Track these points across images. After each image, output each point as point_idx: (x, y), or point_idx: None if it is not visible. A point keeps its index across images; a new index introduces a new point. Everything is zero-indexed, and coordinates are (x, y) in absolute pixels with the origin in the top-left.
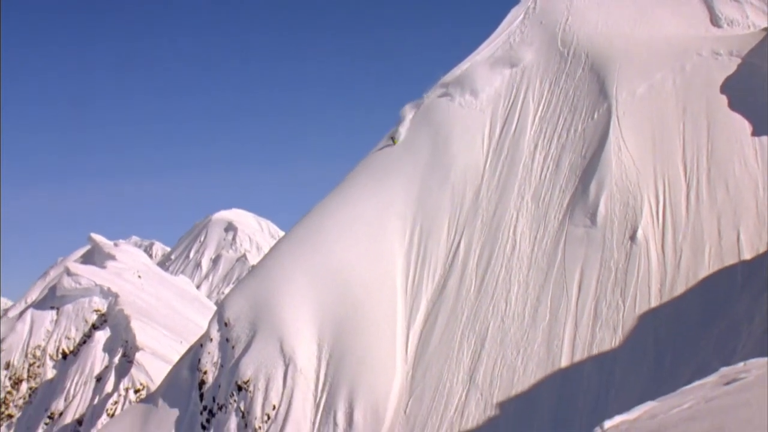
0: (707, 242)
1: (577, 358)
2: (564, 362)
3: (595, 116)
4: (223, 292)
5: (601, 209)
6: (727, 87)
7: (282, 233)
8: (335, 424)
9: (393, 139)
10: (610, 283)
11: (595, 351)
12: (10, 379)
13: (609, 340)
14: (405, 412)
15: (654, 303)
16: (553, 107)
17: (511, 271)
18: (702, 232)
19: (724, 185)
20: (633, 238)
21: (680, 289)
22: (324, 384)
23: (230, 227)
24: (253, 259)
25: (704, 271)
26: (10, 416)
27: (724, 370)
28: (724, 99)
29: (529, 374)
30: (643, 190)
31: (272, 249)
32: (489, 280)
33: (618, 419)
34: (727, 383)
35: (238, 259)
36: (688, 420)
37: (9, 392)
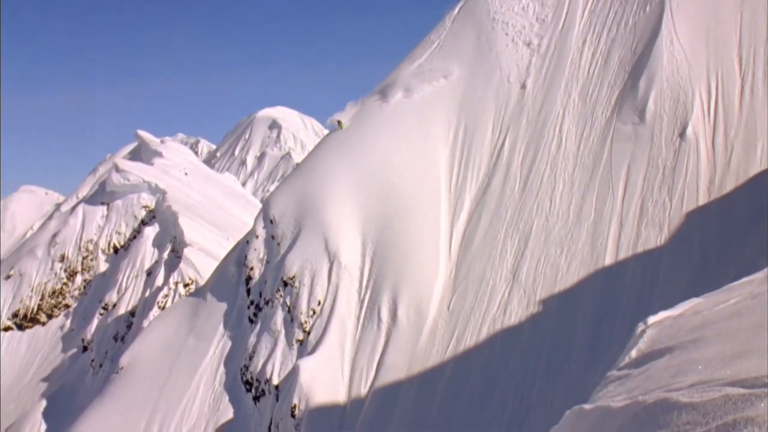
0: (760, 138)
1: (622, 256)
2: (608, 260)
3: (647, 9)
4: (268, 190)
5: (650, 105)
6: None
7: (326, 131)
8: (379, 319)
9: (339, 123)
10: (657, 181)
11: (639, 249)
12: (65, 271)
13: (654, 238)
14: (448, 308)
15: (702, 201)
16: (603, 0)
17: (556, 169)
18: (755, 128)
19: None
20: (682, 134)
21: (729, 186)
22: (368, 280)
23: (274, 125)
24: (298, 156)
25: (755, 168)
26: (67, 306)
27: None
28: None
29: (572, 272)
30: (694, 85)
31: (316, 147)
32: (533, 178)
33: (662, 315)
34: None
35: (282, 157)
36: (733, 315)
37: (65, 284)
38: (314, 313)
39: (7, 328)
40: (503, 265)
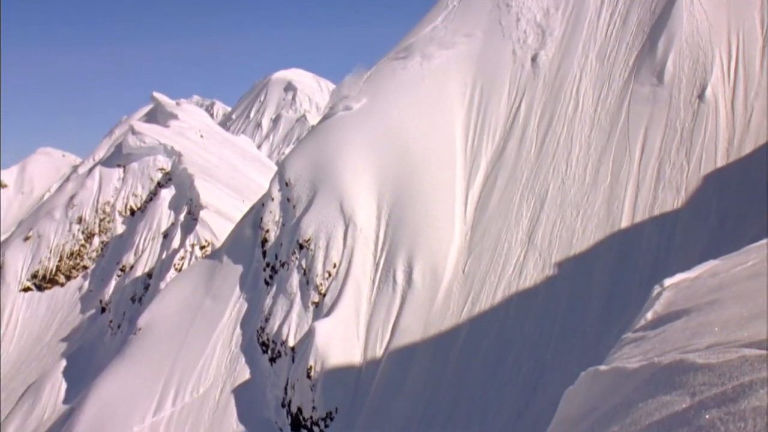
0: None
1: (638, 219)
2: (624, 223)
3: None
4: (283, 152)
5: (669, 67)
6: None
7: (342, 89)
8: (394, 282)
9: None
10: (675, 143)
11: (656, 212)
12: (83, 233)
13: (671, 201)
14: (463, 271)
15: (720, 163)
16: None
17: (573, 131)
18: None
19: None
20: (701, 96)
21: (748, 148)
22: (383, 243)
23: (290, 87)
24: (313, 119)
25: None
26: (85, 268)
27: None
28: None
29: (588, 235)
30: (714, 46)
31: (331, 108)
32: (550, 141)
33: (679, 277)
34: None
35: (297, 120)
36: (750, 277)
37: (83, 245)
38: (330, 275)
39: (26, 289)
40: (519, 227)
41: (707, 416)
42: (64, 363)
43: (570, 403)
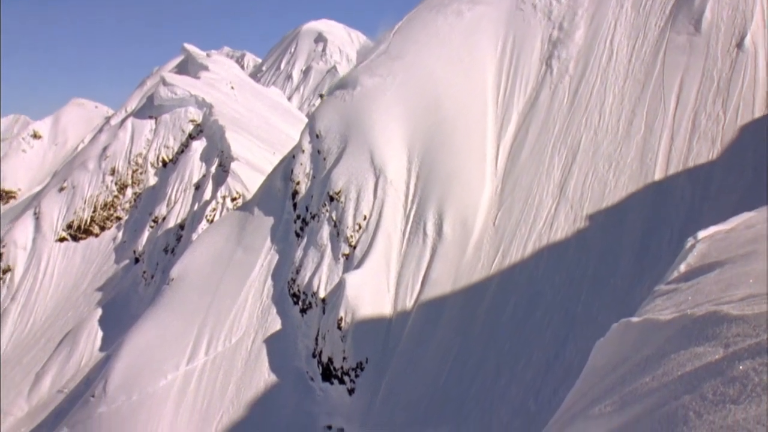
0: None
1: (672, 171)
2: (657, 175)
3: None
4: (313, 104)
5: (707, 14)
6: None
7: (372, 44)
8: (425, 234)
9: (321, 96)
10: (711, 93)
11: (690, 164)
12: (116, 184)
13: (706, 152)
14: (494, 223)
15: (758, 113)
16: None
17: (606, 82)
18: None
19: None
20: (740, 45)
21: None
22: (414, 196)
23: (320, 38)
24: (343, 70)
25: None
26: (118, 218)
27: None
28: None
29: (620, 187)
30: None
31: (362, 60)
32: (583, 92)
33: (713, 229)
34: None
35: (328, 71)
36: None
37: (116, 196)
38: (360, 227)
39: (62, 239)
40: (550, 180)
41: (741, 367)
42: (99, 312)
43: (601, 354)
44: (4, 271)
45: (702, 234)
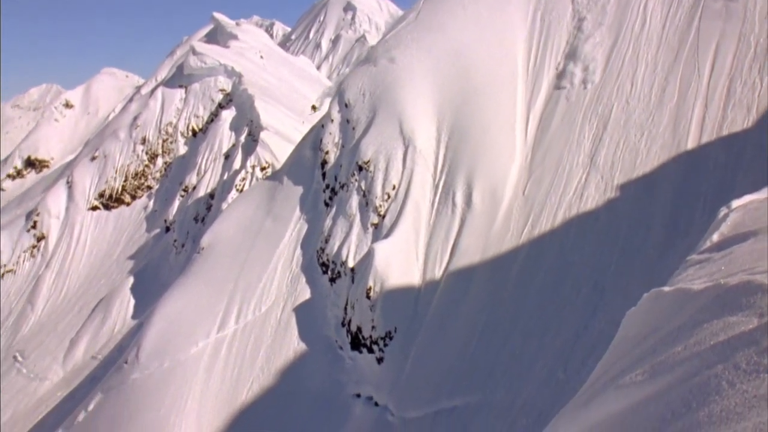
0: None
1: (705, 139)
2: (690, 144)
3: None
4: (342, 73)
5: None
6: None
7: (401, 13)
8: (454, 204)
9: (314, 107)
10: (747, 59)
11: (724, 132)
12: (146, 153)
13: (741, 120)
14: (523, 193)
15: None
16: None
17: (639, 50)
18: None
19: None
20: None
21: None
22: (443, 165)
23: (349, 7)
24: (372, 39)
25: None
26: (149, 187)
27: None
28: None
29: (652, 156)
30: None
31: (391, 30)
32: (614, 60)
33: (747, 198)
34: None
35: (357, 40)
36: None
37: (147, 166)
38: (389, 197)
39: (94, 208)
40: (580, 149)
41: None
42: (131, 280)
43: (632, 323)
44: (39, 239)
45: (736, 203)
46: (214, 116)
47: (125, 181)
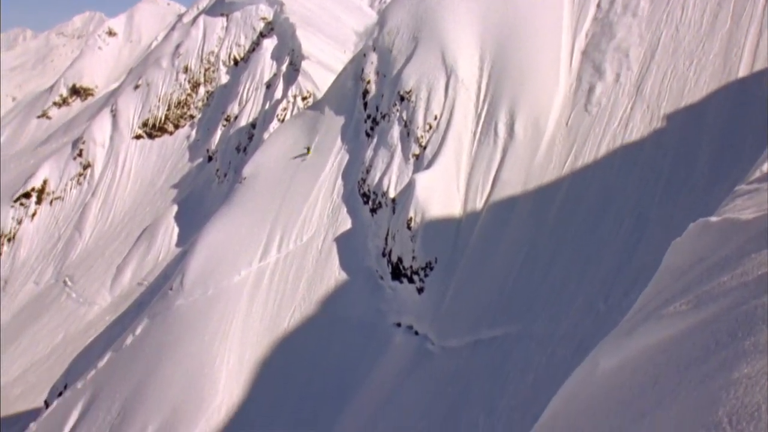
0: None
1: (758, 67)
2: (742, 72)
3: None
4: (384, 1)
5: None
6: None
7: None
8: (496, 134)
9: (308, 149)
10: None
11: None
12: (189, 82)
13: None
14: (567, 124)
15: None
16: None
17: None
18: None
19: None
20: None
21: None
22: (485, 95)
23: None
24: None
25: None
26: (191, 117)
27: None
28: None
29: (701, 86)
30: None
31: None
32: None
33: None
34: None
35: None
36: None
37: (189, 95)
38: (430, 127)
39: (138, 137)
40: (627, 79)
41: None
42: (175, 208)
43: (677, 253)
44: (85, 167)
45: None
46: (255, 45)
47: (168, 110)
